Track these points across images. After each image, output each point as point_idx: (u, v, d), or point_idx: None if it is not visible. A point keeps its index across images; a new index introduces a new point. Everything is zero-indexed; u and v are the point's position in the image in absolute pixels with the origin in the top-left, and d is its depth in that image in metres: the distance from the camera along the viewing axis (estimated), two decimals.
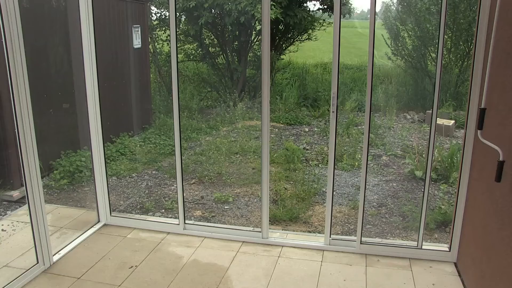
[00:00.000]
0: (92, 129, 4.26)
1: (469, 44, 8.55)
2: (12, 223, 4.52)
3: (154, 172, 6.26)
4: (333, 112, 3.70)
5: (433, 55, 8.74)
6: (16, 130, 3.29)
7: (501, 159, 2.61)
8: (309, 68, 11.31)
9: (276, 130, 7.99)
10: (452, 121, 7.43)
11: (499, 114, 2.84)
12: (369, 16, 3.42)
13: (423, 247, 3.85)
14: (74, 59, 4.68)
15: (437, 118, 3.58)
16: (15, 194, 5.05)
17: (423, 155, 6.21)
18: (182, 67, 9.91)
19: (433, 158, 3.71)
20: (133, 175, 6.12)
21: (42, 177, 3.60)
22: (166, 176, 6.09)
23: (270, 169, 4.17)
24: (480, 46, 3.28)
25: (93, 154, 4.34)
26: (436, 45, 3.62)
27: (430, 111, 3.67)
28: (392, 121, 8.02)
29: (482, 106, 2.96)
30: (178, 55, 4.06)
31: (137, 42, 7.44)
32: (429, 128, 3.77)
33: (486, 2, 3.17)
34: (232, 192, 5.59)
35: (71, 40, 4.92)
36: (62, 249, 3.97)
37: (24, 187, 3.43)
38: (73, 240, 4.13)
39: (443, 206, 4.89)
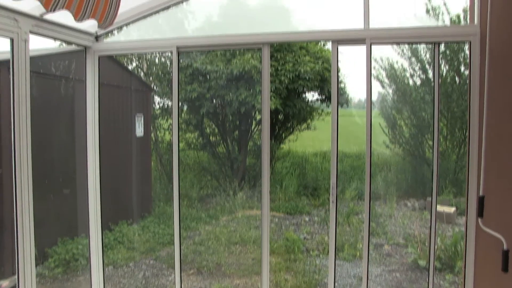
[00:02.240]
0: (92, 216, 4.22)
1: (464, 131, 8.71)
2: None
3: (152, 261, 6.11)
4: (332, 202, 3.69)
5: (430, 142, 8.88)
6: (14, 215, 3.26)
7: (505, 248, 2.57)
8: (308, 157, 11.45)
9: (276, 219, 7.91)
10: (453, 208, 7.38)
11: (498, 201, 2.84)
12: (366, 105, 3.54)
13: None
14: (77, 145, 4.76)
15: (438, 206, 3.57)
16: (4, 284, 4.88)
17: (426, 243, 6.10)
18: (182, 156, 10.04)
19: (435, 247, 3.64)
20: (130, 264, 5.96)
21: (36, 265, 3.51)
22: (164, 266, 5.94)
23: (270, 259, 4.07)
24: (474, 133, 3.35)
25: (91, 242, 4.26)
26: (433, 133, 3.70)
27: (430, 199, 3.67)
28: (392, 209, 7.97)
29: (481, 194, 2.97)
30: (180, 144, 4.14)
31: (139, 131, 7.62)
32: (430, 216, 3.74)
33: (475, 90, 3.29)
34: (232, 283, 5.42)
35: (76, 127, 5.04)
36: None
37: (16, 276, 3.33)
38: None
39: None
